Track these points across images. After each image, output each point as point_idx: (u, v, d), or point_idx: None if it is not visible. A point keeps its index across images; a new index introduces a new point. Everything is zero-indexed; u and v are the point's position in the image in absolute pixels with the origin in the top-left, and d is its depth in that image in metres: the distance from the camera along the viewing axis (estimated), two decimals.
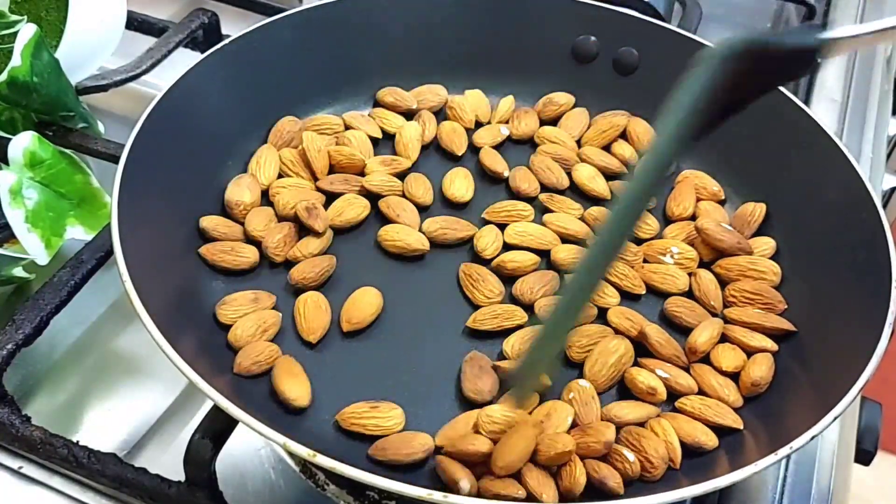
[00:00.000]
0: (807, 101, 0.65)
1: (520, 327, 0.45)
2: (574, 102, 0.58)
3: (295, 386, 0.41)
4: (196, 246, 0.47)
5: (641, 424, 0.41)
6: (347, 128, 0.55)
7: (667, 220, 0.52)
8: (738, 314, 0.46)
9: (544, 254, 0.49)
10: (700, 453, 0.40)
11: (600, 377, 0.43)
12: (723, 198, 0.53)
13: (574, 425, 0.41)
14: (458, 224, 0.50)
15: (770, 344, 0.44)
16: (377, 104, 0.57)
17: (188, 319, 0.43)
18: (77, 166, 0.53)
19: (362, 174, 0.52)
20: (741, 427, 0.41)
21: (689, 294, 0.47)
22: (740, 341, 0.44)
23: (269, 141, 0.53)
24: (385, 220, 0.50)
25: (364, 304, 0.45)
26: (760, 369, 0.43)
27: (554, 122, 0.57)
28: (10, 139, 0.50)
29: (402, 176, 0.52)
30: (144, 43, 0.62)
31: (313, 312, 0.44)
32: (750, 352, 0.44)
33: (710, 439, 0.40)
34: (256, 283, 0.46)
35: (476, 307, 0.46)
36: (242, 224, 0.48)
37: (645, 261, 0.49)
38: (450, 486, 0.37)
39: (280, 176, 0.51)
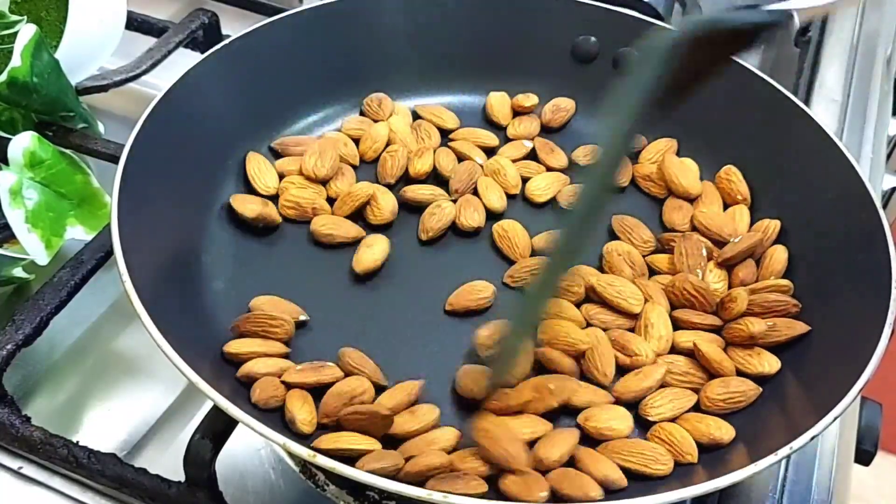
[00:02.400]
0: (807, 101, 0.65)
1: None
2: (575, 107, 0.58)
3: (303, 410, 0.40)
4: (196, 245, 0.47)
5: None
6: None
7: (664, 228, 0.52)
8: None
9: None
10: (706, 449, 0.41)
11: None
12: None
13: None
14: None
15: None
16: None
17: (188, 320, 0.43)
18: (77, 166, 0.53)
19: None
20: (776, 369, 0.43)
21: None
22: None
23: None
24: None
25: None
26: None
27: (561, 128, 0.57)
28: (10, 139, 0.50)
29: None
30: (144, 43, 0.62)
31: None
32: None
33: (726, 433, 0.41)
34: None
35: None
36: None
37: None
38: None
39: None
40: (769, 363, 0.43)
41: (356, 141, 0.54)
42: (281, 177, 0.52)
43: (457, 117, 0.57)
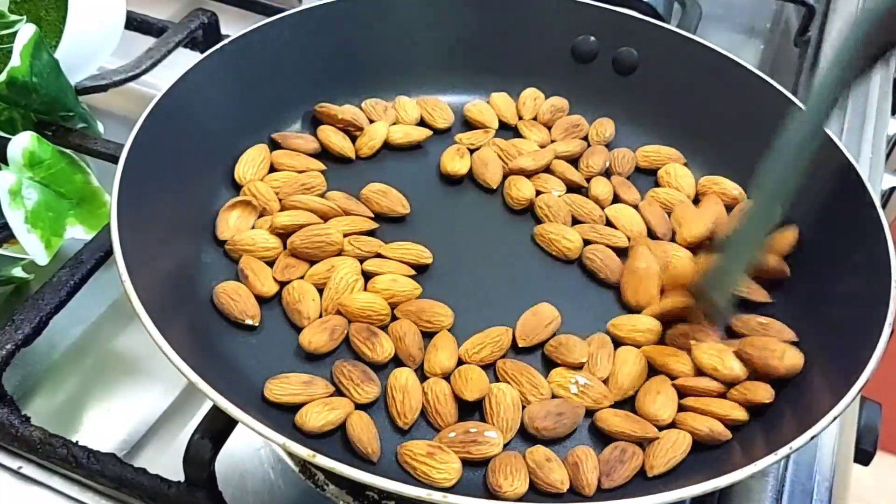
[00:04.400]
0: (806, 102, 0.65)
1: None
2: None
3: (314, 416, 0.40)
4: (196, 245, 0.47)
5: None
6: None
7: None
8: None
9: None
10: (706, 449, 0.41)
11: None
12: (744, 199, 0.52)
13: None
14: None
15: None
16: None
17: (188, 319, 0.43)
18: (77, 166, 0.53)
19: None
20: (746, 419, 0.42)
21: None
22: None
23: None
24: None
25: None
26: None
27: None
28: (9, 139, 0.50)
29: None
30: (144, 43, 0.62)
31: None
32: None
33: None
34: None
35: None
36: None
37: None
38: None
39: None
40: (735, 366, 0.43)
41: (353, 138, 0.54)
42: (273, 169, 0.52)
43: (452, 113, 0.57)
